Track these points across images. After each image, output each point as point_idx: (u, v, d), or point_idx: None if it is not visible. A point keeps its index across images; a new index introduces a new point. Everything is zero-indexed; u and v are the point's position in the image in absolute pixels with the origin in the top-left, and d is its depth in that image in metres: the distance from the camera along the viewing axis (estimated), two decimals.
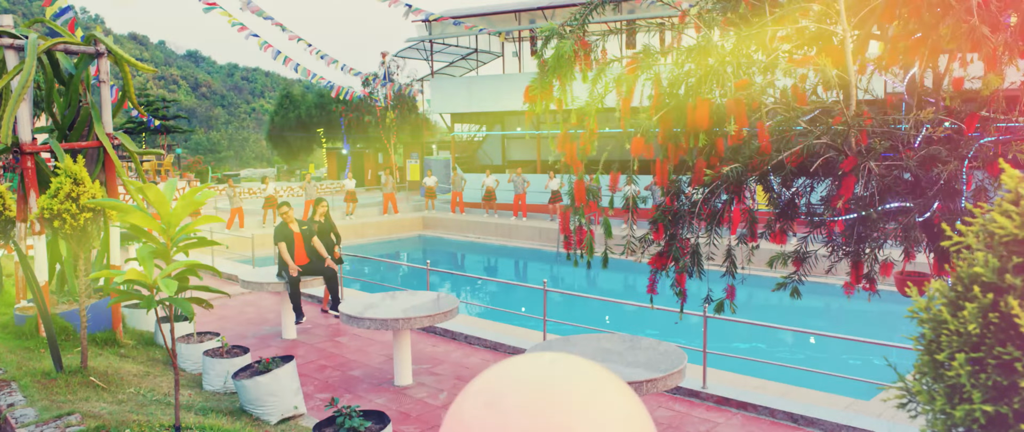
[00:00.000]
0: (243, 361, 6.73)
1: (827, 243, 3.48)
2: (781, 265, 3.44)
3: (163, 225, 3.67)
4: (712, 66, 3.28)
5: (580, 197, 3.38)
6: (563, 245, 3.47)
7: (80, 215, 5.05)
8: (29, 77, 5.98)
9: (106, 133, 7.01)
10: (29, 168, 6.49)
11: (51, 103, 7.37)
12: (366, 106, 34.57)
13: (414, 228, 26.29)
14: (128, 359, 6.70)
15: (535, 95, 3.22)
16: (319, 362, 8.75)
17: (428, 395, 7.54)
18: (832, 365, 10.79)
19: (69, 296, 7.65)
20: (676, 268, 3.43)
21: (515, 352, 8.91)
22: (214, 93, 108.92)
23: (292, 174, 47.38)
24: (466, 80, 28.64)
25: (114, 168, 6.91)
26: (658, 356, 5.88)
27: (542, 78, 3.23)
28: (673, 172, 3.44)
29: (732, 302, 3.36)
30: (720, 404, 7.18)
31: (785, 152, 3.20)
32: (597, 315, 14.27)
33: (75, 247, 5.08)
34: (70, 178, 5.11)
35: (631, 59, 3.62)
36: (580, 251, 3.51)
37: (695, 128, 3.21)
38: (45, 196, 5.15)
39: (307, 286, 9.97)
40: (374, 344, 9.53)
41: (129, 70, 7.09)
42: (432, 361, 8.75)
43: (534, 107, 3.32)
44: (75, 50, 7.14)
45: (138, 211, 3.56)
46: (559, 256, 21.27)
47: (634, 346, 6.16)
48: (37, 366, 5.85)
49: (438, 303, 8.05)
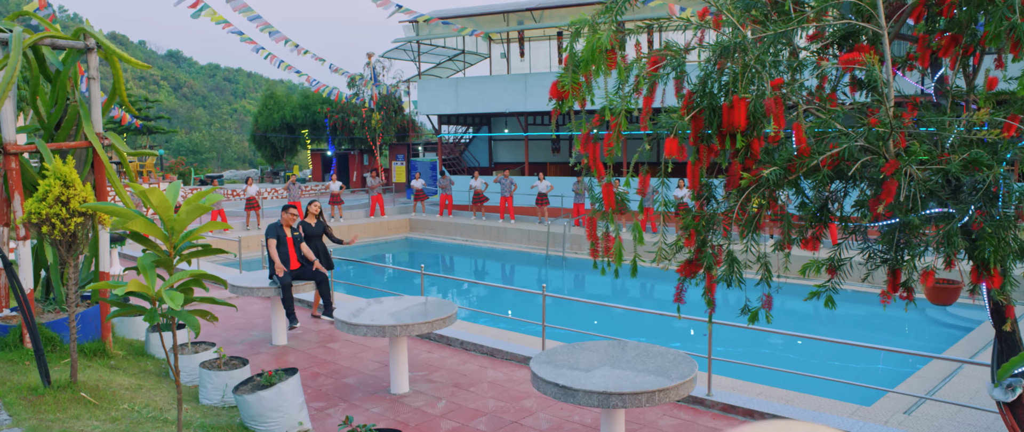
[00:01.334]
0: (243, 373, 6.43)
1: (863, 249, 3.33)
2: (814, 273, 3.28)
3: (166, 232, 3.42)
4: (747, 63, 3.12)
5: (609, 201, 3.20)
6: (590, 252, 3.29)
7: (70, 220, 4.76)
8: (14, 73, 5.62)
9: (96, 133, 6.68)
10: (13, 169, 6.15)
11: (36, 101, 7.01)
12: (352, 107, 34.27)
13: (401, 230, 26.05)
14: (119, 371, 6.37)
15: (566, 90, 3.02)
16: (312, 369, 8.51)
17: (426, 404, 7.33)
18: (829, 370, 10.72)
19: (55, 304, 7.27)
20: (710, 276, 3.25)
21: (512, 358, 8.72)
22: (195, 94, 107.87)
23: (276, 175, 46.89)
24: (453, 81, 28.43)
25: (104, 170, 6.57)
26: (668, 363, 5.73)
27: (573, 72, 3.03)
28: (704, 175, 3.27)
29: (768, 312, 3.20)
30: (726, 412, 7.03)
31: (822, 154, 3.04)
32: (586, 319, 14.12)
33: (64, 253, 4.78)
34: (59, 180, 4.81)
35: (652, 57, 3.44)
36: (607, 259, 3.32)
37: (731, 128, 3.05)
38: (32, 199, 4.85)
39: (297, 290, 9.73)
40: (367, 350, 9.30)
41: (120, 66, 6.76)
42: (428, 368, 8.53)
43: (561, 104, 3.13)
44: (63, 45, 6.79)
45: (140, 217, 3.31)
46: (550, 259, 21.12)
47: (643, 353, 6.00)
48: (23, 381, 5.51)
49: (436, 309, 7.84)
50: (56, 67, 7.09)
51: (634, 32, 3.78)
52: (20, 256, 6.41)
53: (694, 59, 3.39)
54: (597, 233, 3.27)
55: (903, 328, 13.42)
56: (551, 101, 3.17)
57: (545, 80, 25.99)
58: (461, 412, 7.06)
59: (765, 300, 3.19)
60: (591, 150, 3.43)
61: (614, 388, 5.17)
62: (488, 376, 8.16)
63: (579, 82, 3.02)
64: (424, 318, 7.46)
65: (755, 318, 3.24)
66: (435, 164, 30.38)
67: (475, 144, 34.11)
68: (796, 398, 7.50)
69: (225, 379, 6.25)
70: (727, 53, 3.13)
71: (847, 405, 7.41)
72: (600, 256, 3.32)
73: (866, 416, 7.06)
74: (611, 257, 3.29)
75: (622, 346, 6.23)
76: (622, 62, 3.08)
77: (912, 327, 13.49)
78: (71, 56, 7.02)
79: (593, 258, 3.35)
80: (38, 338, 5.01)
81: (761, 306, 3.21)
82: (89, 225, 4.82)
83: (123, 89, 7.06)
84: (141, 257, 3.48)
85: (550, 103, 3.18)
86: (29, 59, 6.83)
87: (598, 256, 3.33)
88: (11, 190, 6.21)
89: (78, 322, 6.33)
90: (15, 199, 6.14)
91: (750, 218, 2.97)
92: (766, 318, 3.21)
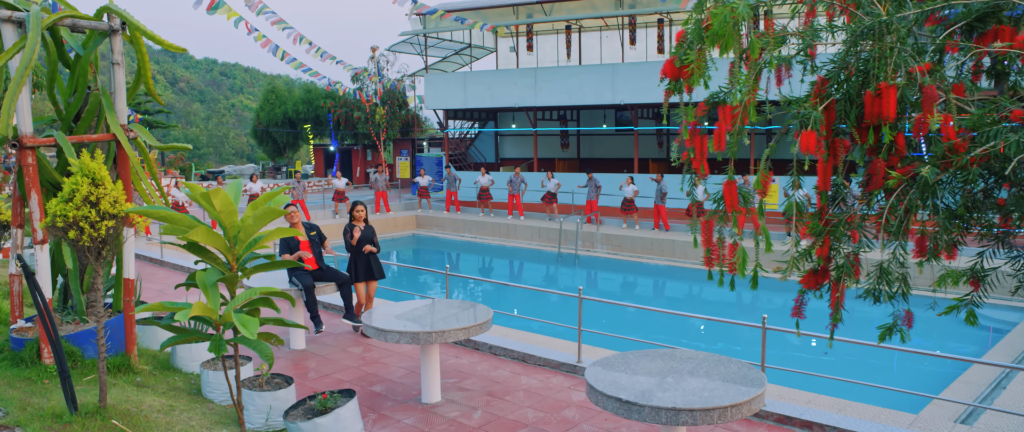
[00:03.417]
0: (288, 394, 5.80)
1: (1013, 258, 2.93)
2: (952, 284, 2.88)
3: (228, 241, 2.96)
4: (891, 46, 2.71)
5: (731, 203, 2.78)
6: (704, 261, 2.89)
7: (101, 223, 4.18)
8: (32, 56, 5.09)
9: (120, 125, 6.03)
10: (30, 165, 5.60)
11: (53, 88, 6.40)
12: (355, 102, 33.81)
13: (408, 227, 25.62)
14: (147, 389, 5.81)
15: (688, 69, 2.60)
16: (335, 376, 8.09)
17: (461, 414, 6.93)
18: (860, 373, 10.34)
19: (74, 314, 6.58)
20: (837, 288, 2.85)
21: (546, 364, 8.32)
22: (193, 88, 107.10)
23: (277, 171, 46.37)
24: (461, 75, 27.96)
25: (129, 166, 5.99)
26: (733, 374, 5.34)
27: (696, 48, 2.61)
28: (839, 173, 2.86)
29: (908, 329, 2.80)
30: (782, 423, 6.65)
31: (981, 146, 2.63)
32: (612, 322, 13.71)
33: (93, 261, 4.25)
34: (87, 178, 4.25)
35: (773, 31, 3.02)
36: (722, 268, 2.91)
37: (878, 120, 2.64)
38: (57, 200, 4.32)
39: (318, 292, 9.29)
40: (392, 355, 8.88)
41: (146, 50, 6.17)
42: (457, 374, 8.13)
43: (675, 85, 2.70)
44: (84, 26, 6.13)
45: (203, 226, 2.85)
46: (562, 257, 20.71)
47: (702, 363, 5.61)
48: (44, 405, 4.93)
49: (469, 313, 7.43)
50: (75, 51, 6.46)
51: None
52: (38, 262, 5.84)
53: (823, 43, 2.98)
54: (713, 239, 2.86)
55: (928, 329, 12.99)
56: (662, 82, 2.76)
57: (555, 74, 25.54)
58: (500, 424, 6.66)
59: (904, 317, 2.78)
60: (699, 144, 3.01)
61: (683, 404, 4.78)
62: (522, 383, 7.76)
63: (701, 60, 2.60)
64: (458, 324, 7.05)
65: (889, 335, 2.84)
66: (440, 160, 29.94)
67: (481, 139, 33.67)
68: (848, 407, 7.16)
69: (269, 401, 5.62)
70: (871, 34, 2.72)
71: (904, 415, 7.10)
72: (718, 265, 2.90)
73: (924, 427, 6.71)
74: (730, 267, 2.87)
75: (676, 355, 5.84)
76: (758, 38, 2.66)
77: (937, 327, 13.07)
78: (93, 39, 6.38)
79: (706, 267, 2.94)
80: (63, 358, 4.45)
81: (899, 323, 2.80)
82: (120, 229, 4.30)
83: (148, 75, 6.44)
84: (203, 274, 2.99)
85: (660, 84, 2.76)
86: (46, 42, 6.24)
87: (712, 265, 2.91)
88: (27, 188, 5.68)
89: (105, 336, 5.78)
90: (32, 198, 5.61)
91: (899, 222, 2.57)
92: (902, 337, 2.80)
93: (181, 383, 6.63)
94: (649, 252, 20.10)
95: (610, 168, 29.06)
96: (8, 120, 4.95)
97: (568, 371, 8.13)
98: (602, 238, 21.09)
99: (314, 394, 5.27)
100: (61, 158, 6.08)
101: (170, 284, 14.12)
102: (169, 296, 12.70)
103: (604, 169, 28.32)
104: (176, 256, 17.44)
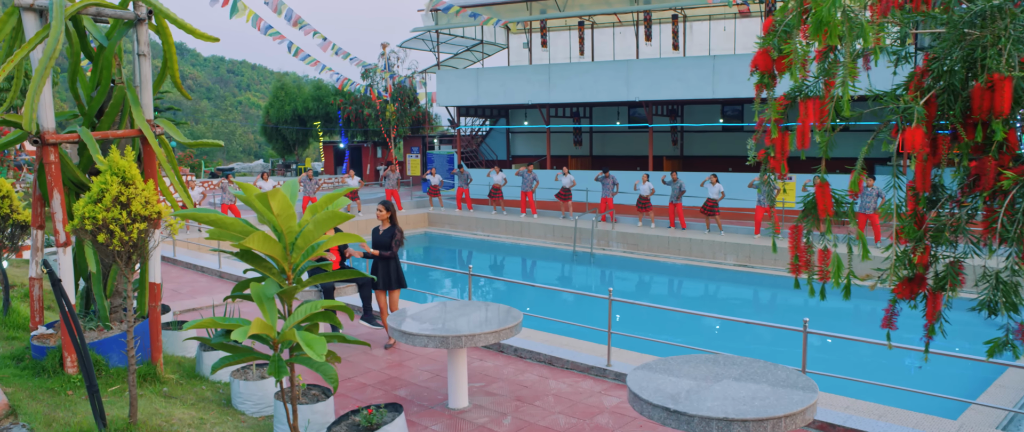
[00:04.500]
0: (326, 408, 5.50)
1: None
2: None
3: (285, 249, 2.69)
4: (1000, 34, 2.47)
5: (825, 206, 2.56)
6: (791, 268, 2.66)
7: (132, 226, 3.95)
8: (56, 47, 4.81)
9: (146, 120, 5.73)
10: (53, 162, 5.30)
11: (75, 82, 6.09)
12: (366, 98, 33.61)
13: (419, 225, 25.42)
14: (175, 401, 5.54)
15: (790, 59, 2.37)
16: (356, 380, 7.88)
17: (490, 420, 6.71)
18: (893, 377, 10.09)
19: (96, 320, 6.27)
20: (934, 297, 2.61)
21: (574, 368, 8.10)
22: (200, 86, 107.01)
23: (287, 168, 46.21)
24: (474, 72, 27.72)
25: (156, 164, 5.71)
26: (782, 382, 5.12)
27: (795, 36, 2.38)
28: (940, 173, 2.63)
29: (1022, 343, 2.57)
30: (824, 431, 6.41)
31: None
32: (633, 323, 13.46)
33: (123, 266, 4.02)
34: (117, 177, 4.02)
35: None
36: (812, 275, 2.68)
37: (988, 114, 2.41)
38: (85, 201, 4.08)
39: (337, 293, 9.09)
40: (414, 358, 8.67)
41: (173, 40, 5.85)
42: (484, 378, 7.91)
43: (765, 78, 2.48)
44: (109, 15, 5.82)
45: (260, 232, 2.59)
46: (577, 255, 20.47)
47: (748, 370, 5.38)
48: (71, 420, 4.65)
49: (499, 316, 7.22)
50: (98, 42, 6.14)
51: None
52: (61, 265, 5.55)
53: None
54: (801, 244, 2.63)
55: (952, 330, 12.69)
56: (753, 74, 2.53)
57: (569, 71, 25.29)
58: (530, 430, 6.44)
59: (1019, 330, 2.55)
60: (779, 142, 2.78)
61: (734, 414, 4.55)
62: (551, 388, 7.54)
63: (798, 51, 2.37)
64: (489, 327, 6.83)
65: (1000, 350, 2.60)
66: (451, 157, 29.69)
67: (492, 136, 33.44)
68: (888, 413, 6.96)
69: (307, 414, 5.32)
70: (979, 22, 2.48)
71: (946, 421, 6.88)
72: (807, 274, 2.67)
73: None
74: (821, 274, 2.64)
75: (719, 360, 5.62)
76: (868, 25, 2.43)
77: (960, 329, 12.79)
78: (117, 28, 6.06)
79: (793, 274, 2.71)
80: (92, 371, 4.15)
81: (1014, 337, 2.56)
82: (152, 231, 4.05)
83: (176, 66, 6.16)
84: (259, 286, 2.71)
85: (750, 78, 2.53)
86: (69, 32, 5.94)
87: (799, 272, 2.68)
88: (49, 187, 5.41)
89: (123, 340, 5.48)
90: (54, 198, 5.37)
91: (1017, 227, 2.33)
92: (1014, 353, 2.57)
93: (209, 393, 6.38)
94: (666, 251, 19.84)
95: (624, 166, 28.79)
96: (33, 115, 4.71)
97: (597, 375, 7.91)
98: (617, 236, 20.84)
99: (358, 408, 4.99)
100: (83, 155, 5.80)
101: (183, 283, 13.95)
102: (183, 295, 12.52)
103: (618, 166, 28.05)
104: (188, 254, 17.26)
